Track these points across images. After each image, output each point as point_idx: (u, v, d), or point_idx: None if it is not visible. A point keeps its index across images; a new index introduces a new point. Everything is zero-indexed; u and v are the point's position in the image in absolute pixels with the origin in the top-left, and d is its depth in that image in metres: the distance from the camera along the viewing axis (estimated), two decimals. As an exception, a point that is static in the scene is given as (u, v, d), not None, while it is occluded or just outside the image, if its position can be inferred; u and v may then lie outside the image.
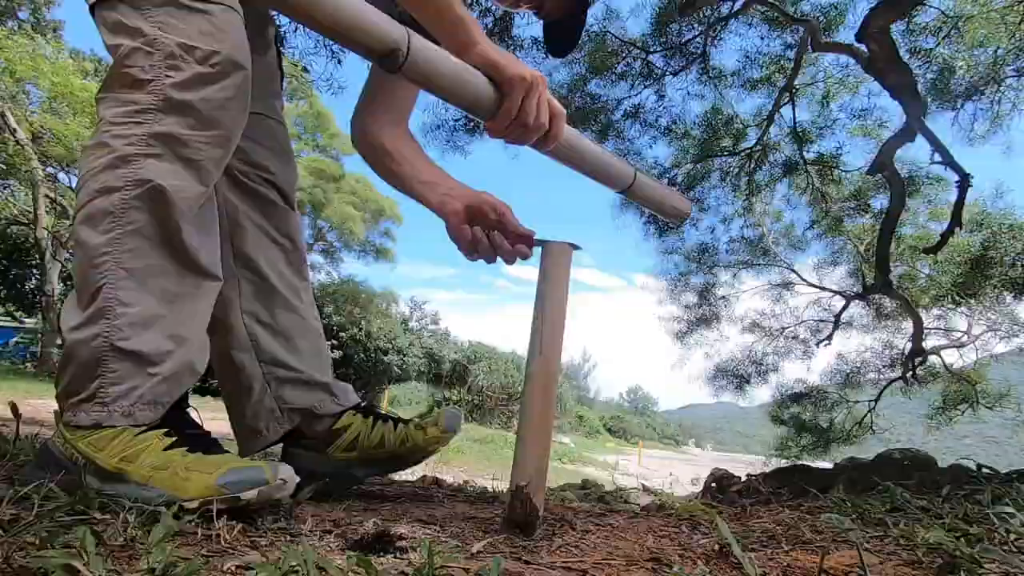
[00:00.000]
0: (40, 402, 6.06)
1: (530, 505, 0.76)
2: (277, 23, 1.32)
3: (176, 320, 0.83)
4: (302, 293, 1.17)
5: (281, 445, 1.16)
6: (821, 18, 4.12)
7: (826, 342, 6.83)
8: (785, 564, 0.64)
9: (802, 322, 7.17)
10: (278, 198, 1.15)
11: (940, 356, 6.61)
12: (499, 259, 0.99)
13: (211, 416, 1.04)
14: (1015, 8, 3.44)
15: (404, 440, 1.09)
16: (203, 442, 0.84)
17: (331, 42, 3.48)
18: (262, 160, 1.12)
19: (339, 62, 3.49)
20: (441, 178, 1.07)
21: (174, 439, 0.78)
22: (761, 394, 7.50)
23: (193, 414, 0.93)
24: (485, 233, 0.98)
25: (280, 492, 0.72)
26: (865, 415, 6.78)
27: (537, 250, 0.91)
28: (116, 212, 0.79)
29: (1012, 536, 0.71)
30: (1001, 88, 3.92)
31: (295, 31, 3.36)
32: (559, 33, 1.21)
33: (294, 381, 1.10)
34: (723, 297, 6.97)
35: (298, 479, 0.76)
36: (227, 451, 0.84)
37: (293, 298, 1.14)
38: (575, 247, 0.87)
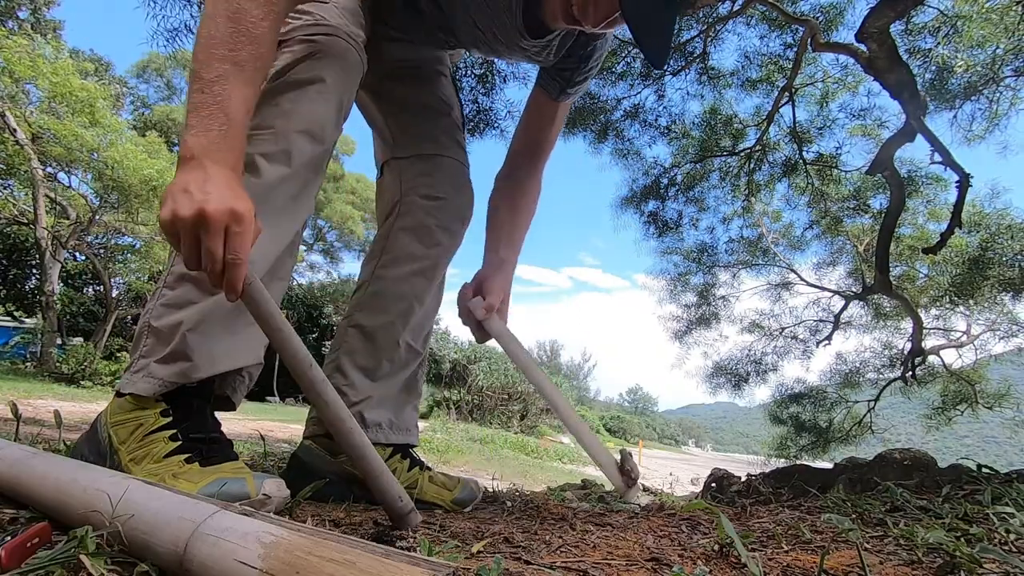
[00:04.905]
0: (40, 402, 6.06)
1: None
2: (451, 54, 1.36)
3: (201, 312, 0.84)
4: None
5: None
6: (820, 18, 4.12)
7: (825, 342, 6.83)
8: (785, 564, 0.64)
9: (801, 322, 7.17)
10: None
11: (939, 356, 6.61)
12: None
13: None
14: (1013, 8, 3.44)
15: (412, 485, 1.10)
16: (215, 445, 0.84)
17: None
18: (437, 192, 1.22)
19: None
20: (503, 261, 1.23)
21: (179, 443, 0.79)
22: (761, 394, 7.51)
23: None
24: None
25: (262, 507, 0.72)
26: (864, 415, 6.79)
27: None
28: None
29: (1012, 536, 0.71)
30: (999, 88, 3.92)
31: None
32: (647, 38, 0.91)
33: (341, 395, 1.10)
34: (722, 297, 6.98)
35: (287, 493, 0.77)
36: (236, 456, 0.84)
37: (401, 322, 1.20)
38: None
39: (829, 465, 1.61)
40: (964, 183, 3.32)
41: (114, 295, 13.68)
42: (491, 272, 1.20)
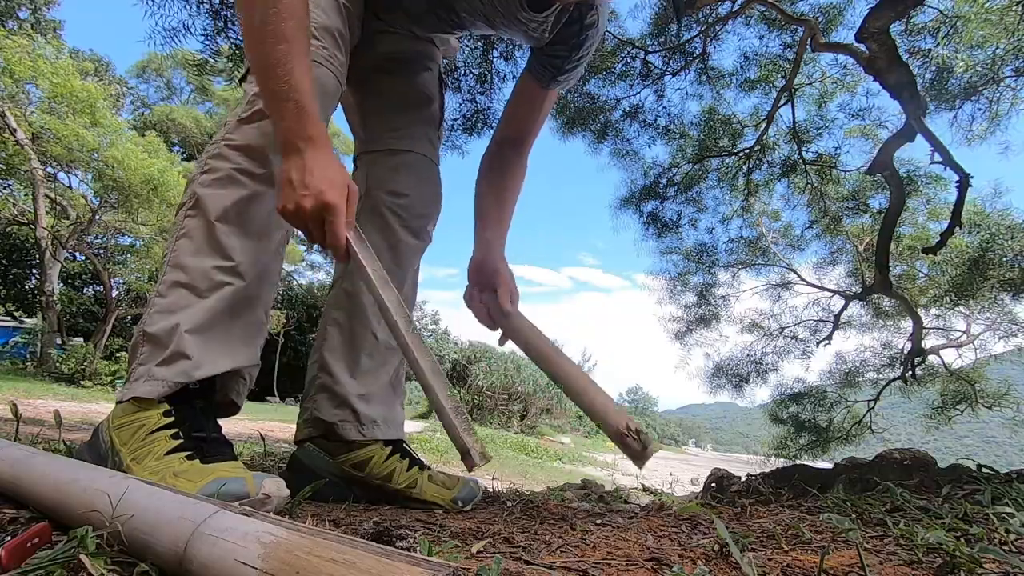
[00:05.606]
0: (40, 402, 6.06)
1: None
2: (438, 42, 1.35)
3: (197, 314, 0.86)
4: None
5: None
6: (820, 18, 4.12)
7: (825, 342, 6.83)
8: (785, 564, 0.64)
9: (801, 322, 7.17)
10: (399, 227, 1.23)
11: (939, 356, 6.61)
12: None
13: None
14: (1013, 8, 3.44)
15: (411, 485, 1.10)
16: (216, 444, 0.84)
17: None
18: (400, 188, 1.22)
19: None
20: (488, 241, 1.21)
21: (180, 442, 0.80)
22: (761, 394, 7.50)
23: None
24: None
25: (262, 507, 0.72)
26: (864, 415, 6.79)
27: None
28: (178, 222, 0.93)
29: (1012, 536, 0.71)
30: (999, 88, 3.92)
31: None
32: None
33: (332, 392, 1.12)
34: (722, 297, 6.98)
35: (287, 493, 0.76)
36: (235, 457, 0.84)
37: (375, 317, 1.18)
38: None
39: (829, 465, 1.61)
40: (964, 183, 3.32)
41: (114, 295, 13.68)
42: (483, 254, 1.21)
